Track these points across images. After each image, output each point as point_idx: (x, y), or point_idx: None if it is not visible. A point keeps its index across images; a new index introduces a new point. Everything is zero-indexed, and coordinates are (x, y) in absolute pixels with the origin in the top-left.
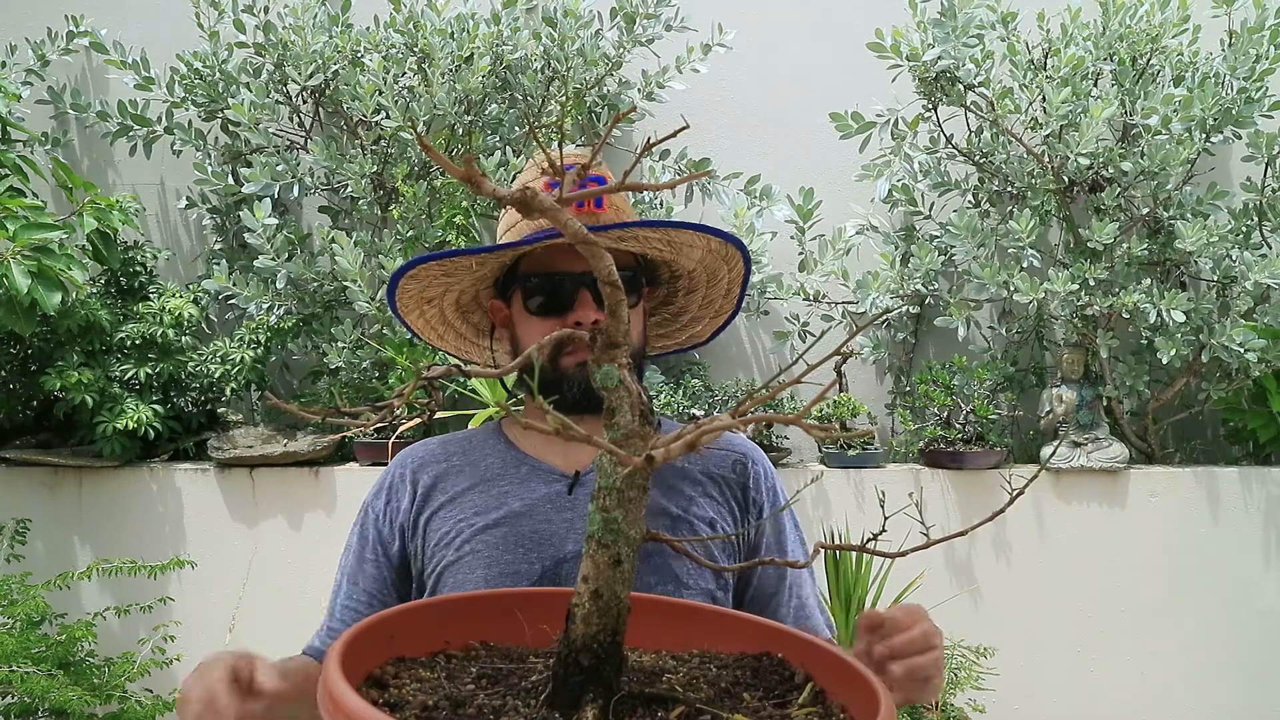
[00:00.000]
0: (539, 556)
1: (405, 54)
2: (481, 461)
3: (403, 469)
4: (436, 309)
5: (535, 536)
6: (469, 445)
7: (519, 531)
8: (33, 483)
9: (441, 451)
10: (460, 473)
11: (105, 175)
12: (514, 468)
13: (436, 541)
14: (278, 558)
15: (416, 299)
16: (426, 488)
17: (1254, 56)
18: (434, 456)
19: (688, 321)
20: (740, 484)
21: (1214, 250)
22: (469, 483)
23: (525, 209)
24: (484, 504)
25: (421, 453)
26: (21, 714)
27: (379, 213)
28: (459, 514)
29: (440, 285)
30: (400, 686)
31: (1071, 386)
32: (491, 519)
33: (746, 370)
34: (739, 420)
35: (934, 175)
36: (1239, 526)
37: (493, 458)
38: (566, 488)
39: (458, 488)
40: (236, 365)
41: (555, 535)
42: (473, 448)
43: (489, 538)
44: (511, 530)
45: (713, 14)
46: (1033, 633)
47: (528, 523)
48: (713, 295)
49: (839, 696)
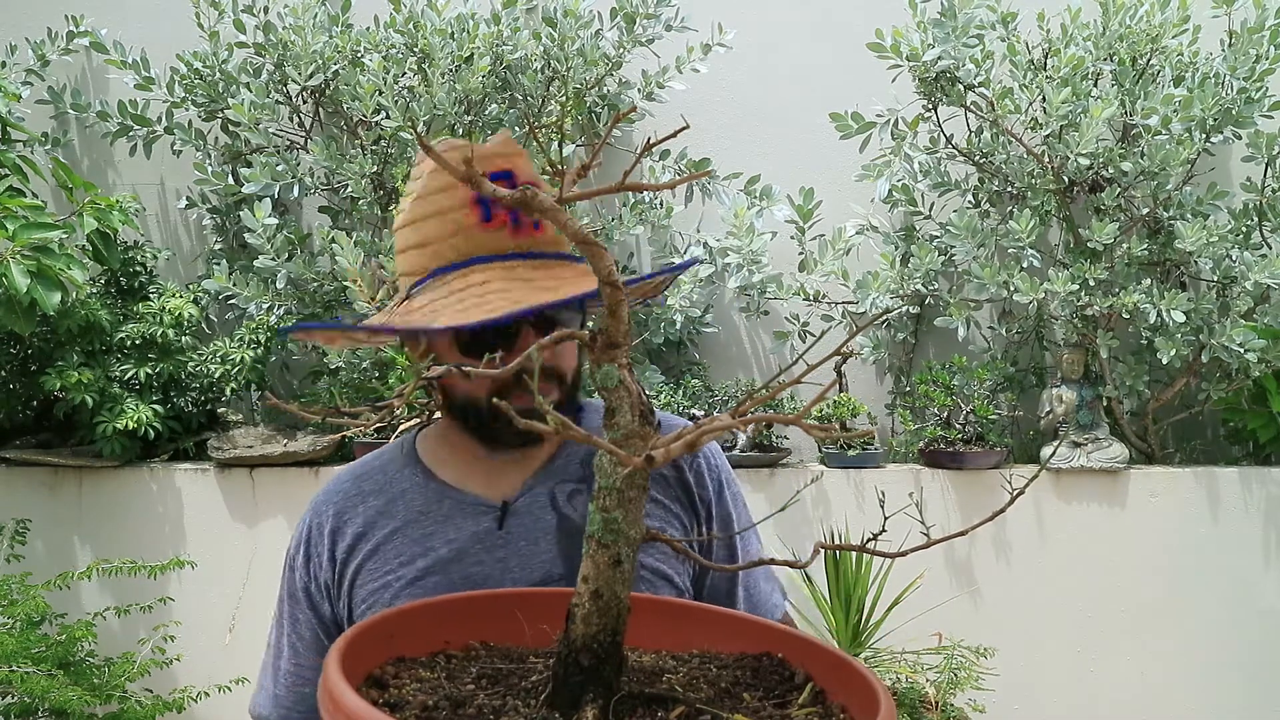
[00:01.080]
0: None
1: (405, 54)
2: (400, 500)
3: (320, 518)
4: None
5: (467, 583)
6: (385, 479)
7: (450, 580)
8: (33, 483)
9: (355, 491)
10: (381, 516)
11: (105, 175)
12: (436, 503)
13: (363, 600)
14: (278, 558)
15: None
16: (347, 544)
17: (1254, 56)
18: (349, 500)
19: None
20: (680, 480)
21: (1214, 250)
22: (390, 527)
23: (525, 209)
24: (409, 552)
25: (337, 498)
26: (21, 714)
27: (379, 213)
28: (384, 565)
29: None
30: (400, 686)
31: (1071, 386)
32: (419, 568)
33: (746, 370)
34: (739, 420)
35: (934, 175)
36: (1239, 526)
37: (412, 493)
38: (495, 522)
39: (378, 535)
40: (236, 365)
41: (489, 578)
42: (389, 481)
43: (418, 591)
44: (443, 579)
45: (713, 14)
46: (1033, 633)
47: (457, 568)
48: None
49: (839, 696)
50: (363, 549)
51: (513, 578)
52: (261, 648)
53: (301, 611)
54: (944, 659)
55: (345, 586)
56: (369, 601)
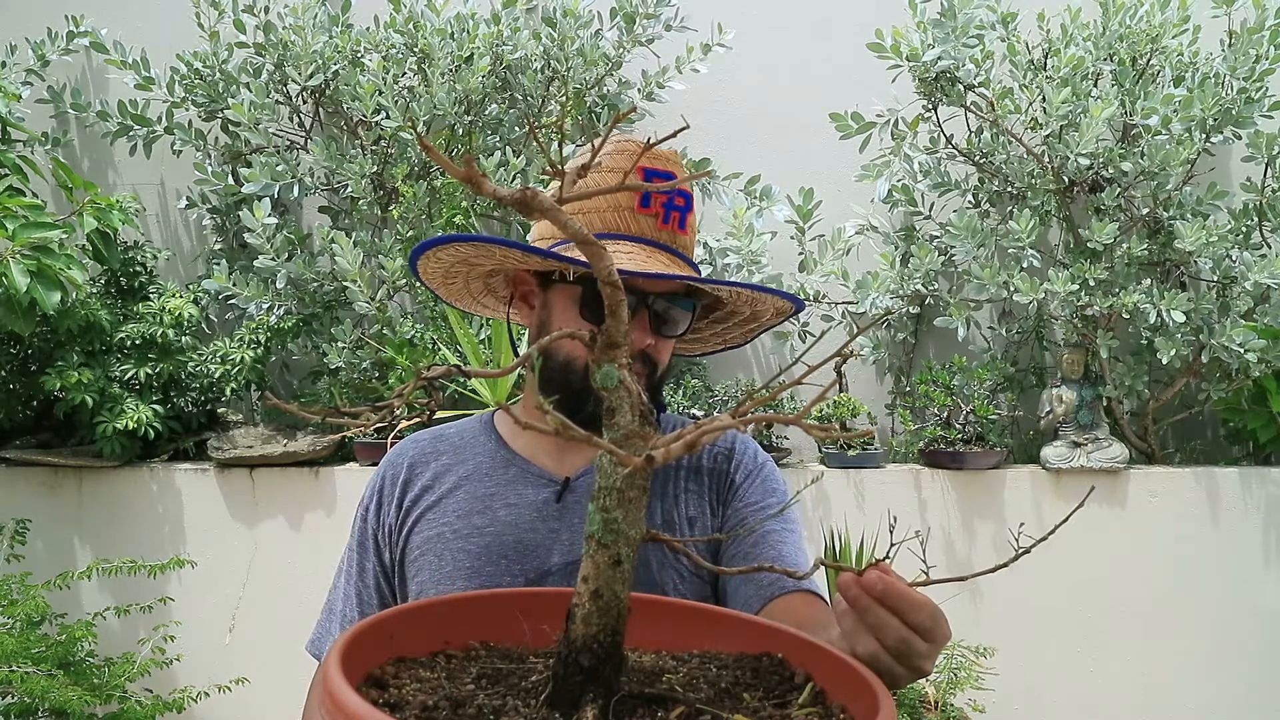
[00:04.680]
0: (522, 569)
1: (405, 54)
2: (470, 460)
3: (395, 469)
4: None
5: (519, 548)
6: (461, 442)
7: (503, 541)
8: (33, 483)
9: (431, 449)
10: (449, 471)
11: (105, 175)
12: (502, 468)
13: (417, 546)
14: (278, 558)
15: (451, 255)
16: (415, 493)
17: (1254, 57)
18: (423, 455)
19: (692, 340)
20: (724, 470)
21: (1214, 250)
22: (453, 482)
23: (525, 209)
24: (468, 506)
25: (413, 451)
26: (21, 714)
27: (379, 213)
28: (443, 516)
29: (489, 258)
30: (400, 686)
31: (1071, 386)
32: (475, 525)
33: (746, 370)
34: (739, 420)
35: (934, 175)
36: (1239, 526)
37: (482, 455)
38: (555, 495)
39: (443, 488)
40: (236, 365)
41: (540, 547)
42: (464, 444)
43: (471, 546)
44: (495, 539)
45: (713, 14)
46: (1033, 633)
47: (512, 532)
48: (734, 332)
49: (839, 696)
50: (426, 499)
51: (562, 549)
52: (261, 648)
53: (369, 560)
54: (944, 659)
55: (405, 532)
56: (422, 549)
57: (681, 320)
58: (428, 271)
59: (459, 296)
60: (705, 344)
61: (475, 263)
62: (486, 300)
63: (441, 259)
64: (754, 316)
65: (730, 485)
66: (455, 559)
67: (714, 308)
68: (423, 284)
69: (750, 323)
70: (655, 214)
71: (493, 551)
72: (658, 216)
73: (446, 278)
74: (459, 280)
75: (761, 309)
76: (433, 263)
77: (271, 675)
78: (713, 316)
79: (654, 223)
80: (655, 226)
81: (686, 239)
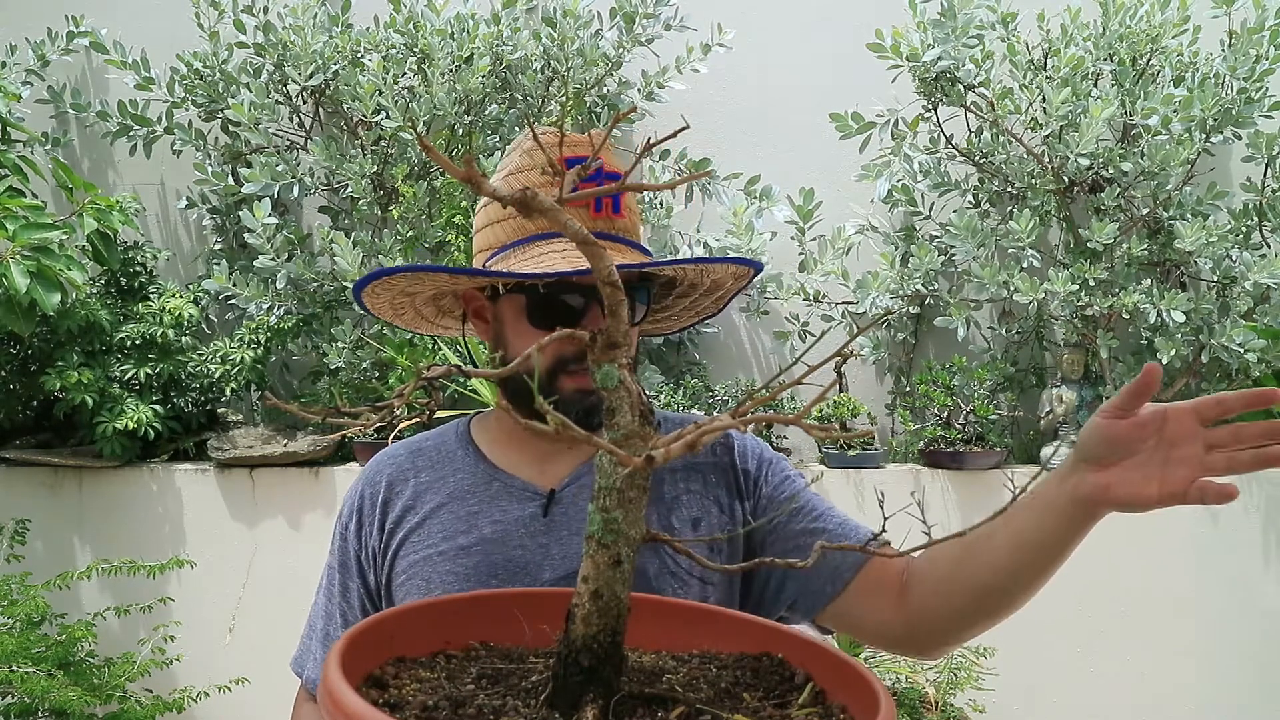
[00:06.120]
0: (512, 587)
1: (405, 54)
2: (451, 477)
3: (373, 487)
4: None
5: (509, 565)
6: (439, 456)
7: (491, 560)
8: (33, 483)
9: (409, 465)
10: (430, 490)
11: (105, 175)
12: (484, 484)
13: (403, 570)
14: (278, 558)
15: (387, 289)
16: (396, 514)
17: (1254, 57)
18: (401, 471)
19: (663, 318)
20: (728, 463)
21: (1214, 250)
22: (437, 501)
23: (524, 209)
24: (453, 526)
25: (390, 468)
26: (21, 714)
27: (379, 213)
28: (428, 538)
29: (421, 285)
30: (400, 686)
31: (1071, 386)
32: (461, 545)
33: (746, 370)
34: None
35: (934, 175)
36: (1239, 527)
37: (463, 472)
38: (541, 509)
39: (425, 508)
40: (236, 365)
41: (530, 563)
42: (442, 459)
43: (458, 568)
44: (484, 559)
45: (713, 14)
46: (1033, 633)
47: (500, 550)
48: (704, 303)
49: (839, 696)
50: (409, 521)
51: (553, 564)
52: (261, 648)
53: (352, 580)
54: (944, 659)
55: (389, 556)
56: (409, 573)
57: (638, 307)
58: (377, 306)
59: (414, 323)
60: (679, 320)
61: (412, 291)
62: (444, 321)
63: (380, 293)
64: (716, 285)
65: (745, 475)
66: (444, 581)
67: (673, 286)
68: (375, 318)
69: (715, 291)
70: (584, 204)
71: (482, 571)
72: (588, 207)
73: (394, 309)
74: (407, 310)
75: (721, 277)
76: (375, 298)
77: (271, 675)
78: (676, 292)
79: (586, 214)
80: (588, 217)
81: (625, 221)
